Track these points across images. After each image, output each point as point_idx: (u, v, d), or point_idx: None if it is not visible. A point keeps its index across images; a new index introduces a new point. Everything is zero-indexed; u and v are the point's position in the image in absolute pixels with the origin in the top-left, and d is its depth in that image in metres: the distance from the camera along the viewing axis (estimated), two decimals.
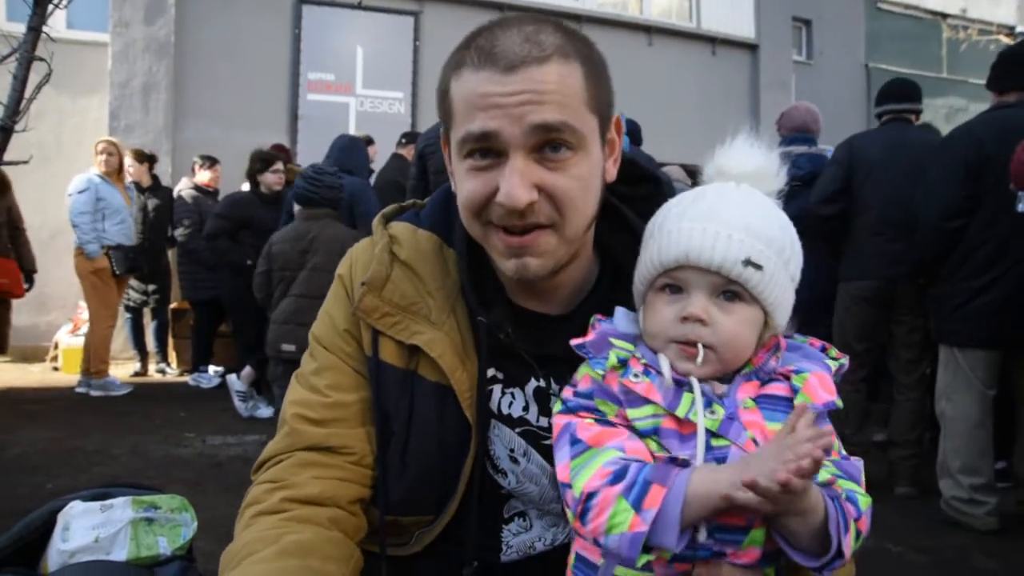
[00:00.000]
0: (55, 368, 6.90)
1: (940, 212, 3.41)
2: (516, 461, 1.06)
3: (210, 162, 6.60)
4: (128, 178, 6.22)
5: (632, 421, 0.87)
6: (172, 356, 7.02)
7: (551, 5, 8.86)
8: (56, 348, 7.00)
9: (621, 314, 0.97)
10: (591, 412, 0.90)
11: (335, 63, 8.48)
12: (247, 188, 5.74)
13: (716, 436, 0.84)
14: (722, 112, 9.67)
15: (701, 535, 0.80)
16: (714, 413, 0.85)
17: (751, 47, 10.64)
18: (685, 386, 0.87)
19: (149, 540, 1.46)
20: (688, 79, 10.12)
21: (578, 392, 0.92)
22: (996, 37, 12.21)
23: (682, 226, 0.90)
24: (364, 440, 1.05)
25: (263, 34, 8.14)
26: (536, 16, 0.98)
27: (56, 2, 3.05)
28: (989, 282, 3.34)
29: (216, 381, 6.31)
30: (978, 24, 12.57)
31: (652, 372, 0.88)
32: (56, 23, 4.79)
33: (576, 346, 0.92)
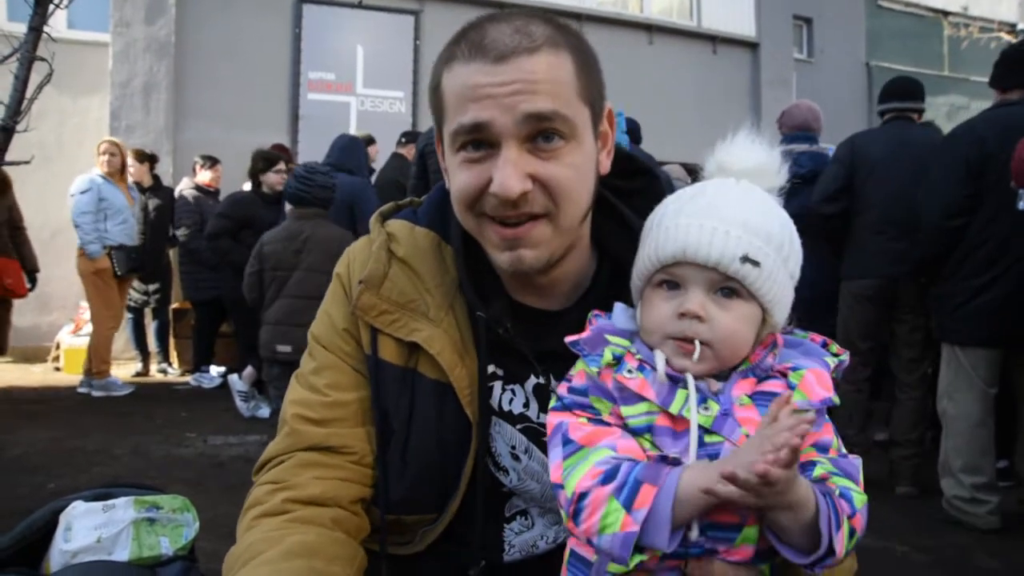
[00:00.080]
0: (56, 368, 6.91)
1: (942, 210, 3.41)
2: (517, 458, 1.05)
3: (211, 162, 6.61)
4: (129, 178, 6.22)
5: (626, 418, 0.87)
6: (173, 356, 7.03)
7: (551, 4, 8.85)
8: (58, 348, 7.01)
9: (620, 310, 0.97)
10: (585, 410, 0.89)
11: (336, 63, 8.48)
12: (248, 188, 5.74)
13: (709, 432, 0.84)
14: (723, 111, 9.65)
15: (693, 533, 0.80)
16: (708, 409, 0.84)
17: (752, 45, 10.63)
18: (680, 383, 0.86)
19: (151, 540, 1.46)
20: (688, 78, 10.10)
21: (573, 388, 0.91)
22: (997, 35, 12.20)
23: (679, 222, 0.89)
24: (364, 439, 1.05)
25: (263, 34, 8.15)
26: (526, 10, 0.98)
27: (57, 2, 3.04)
28: (990, 280, 3.33)
29: (218, 381, 6.32)
30: (979, 22, 12.55)
31: (646, 368, 0.87)
32: (57, 23, 4.80)
33: (571, 343, 0.91)
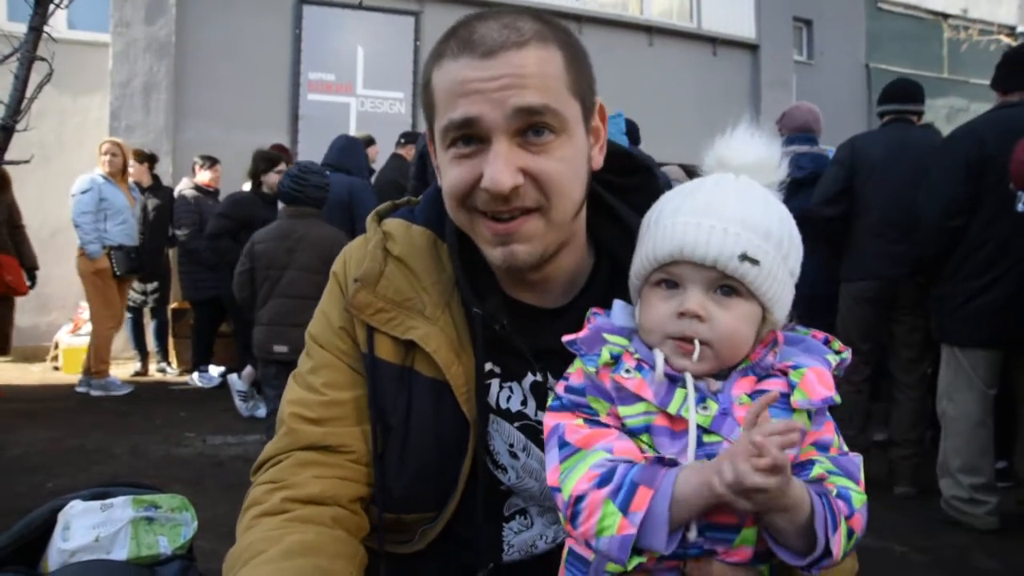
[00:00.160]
0: (55, 368, 6.91)
1: (941, 210, 3.42)
2: (516, 456, 1.05)
3: (210, 162, 6.60)
4: (128, 178, 6.22)
5: (623, 419, 0.86)
6: (172, 356, 7.02)
7: (551, 5, 8.86)
8: (56, 348, 7.01)
9: (619, 307, 0.96)
10: (582, 410, 0.88)
11: (335, 63, 8.48)
12: (248, 188, 5.74)
13: (708, 432, 0.83)
14: (722, 112, 9.52)
15: (692, 534, 0.79)
16: (707, 409, 0.84)
17: (752, 47, 10.63)
18: (679, 382, 0.85)
19: (149, 539, 1.46)
20: (688, 79, 10.10)
21: (570, 387, 0.90)
22: (997, 37, 12.21)
23: (677, 220, 0.88)
24: (362, 438, 1.04)
25: (264, 34, 8.15)
26: (515, 7, 0.98)
27: (57, 2, 3.05)
28: (990, 281, 3.34)
29: (217, 381, 6.32)
30: (979, 24, 12.56)
31: (644, 368, 0.86)
32: (57, 23, 4.80)
33: (568, 343, 0.91)
